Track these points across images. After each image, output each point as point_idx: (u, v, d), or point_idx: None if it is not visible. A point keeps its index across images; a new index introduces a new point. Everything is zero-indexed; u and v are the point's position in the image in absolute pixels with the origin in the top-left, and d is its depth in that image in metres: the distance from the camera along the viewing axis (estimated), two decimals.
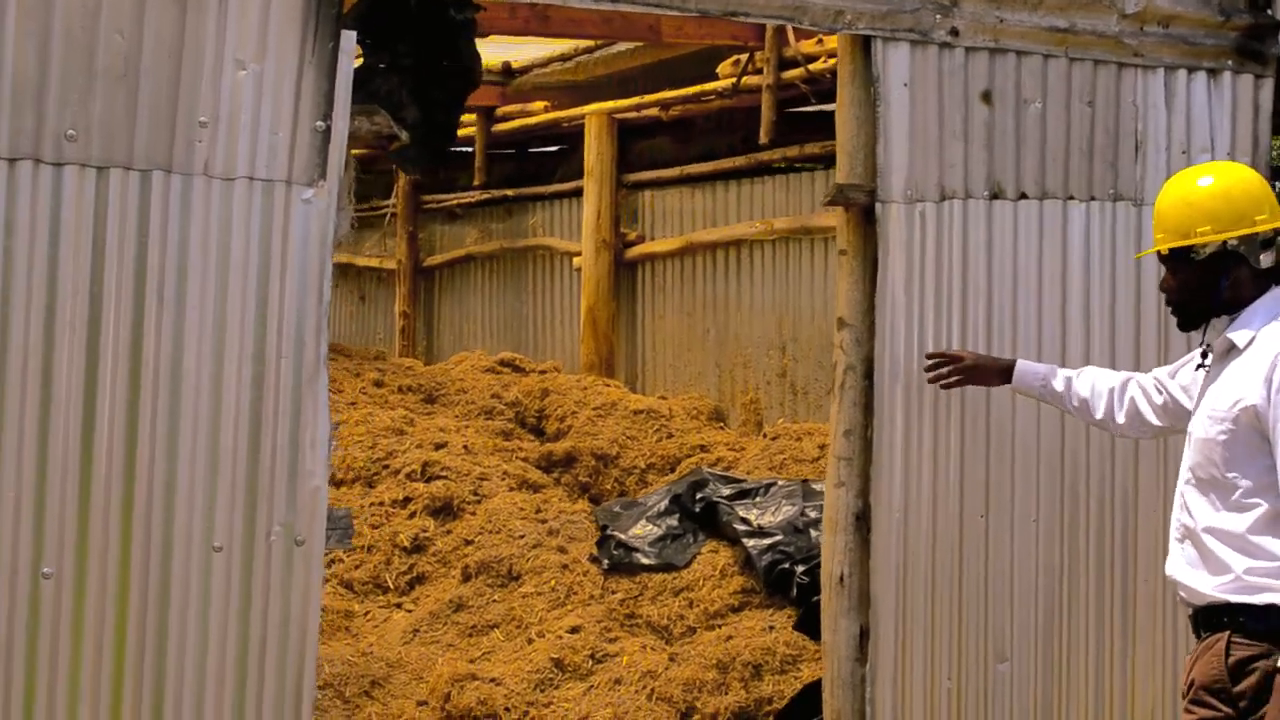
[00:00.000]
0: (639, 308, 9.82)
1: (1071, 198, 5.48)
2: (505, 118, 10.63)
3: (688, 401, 9.08)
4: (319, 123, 4.33)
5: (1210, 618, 3.89)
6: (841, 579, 5.29)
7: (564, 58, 10.00)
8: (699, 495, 7.23)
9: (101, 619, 4.14)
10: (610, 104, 9.50)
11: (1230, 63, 5.70)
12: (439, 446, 8.19)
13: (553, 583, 7.12)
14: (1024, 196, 5.40)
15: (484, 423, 8.99)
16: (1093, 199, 5.51)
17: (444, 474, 7.91)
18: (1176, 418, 4.36)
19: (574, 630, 6.76)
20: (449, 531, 7.59)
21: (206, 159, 4.20)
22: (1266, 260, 4.08)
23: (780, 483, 7.15)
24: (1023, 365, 4.85)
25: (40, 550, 4.07)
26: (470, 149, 11.05)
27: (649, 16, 6.92)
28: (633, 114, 9.44)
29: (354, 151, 4.59)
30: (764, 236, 8.56)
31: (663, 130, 9.58)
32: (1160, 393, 4.43)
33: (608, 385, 9.22)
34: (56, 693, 4.11)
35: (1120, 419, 4.53)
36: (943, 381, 4.95)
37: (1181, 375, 4.37)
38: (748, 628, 6.55)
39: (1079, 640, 5.50)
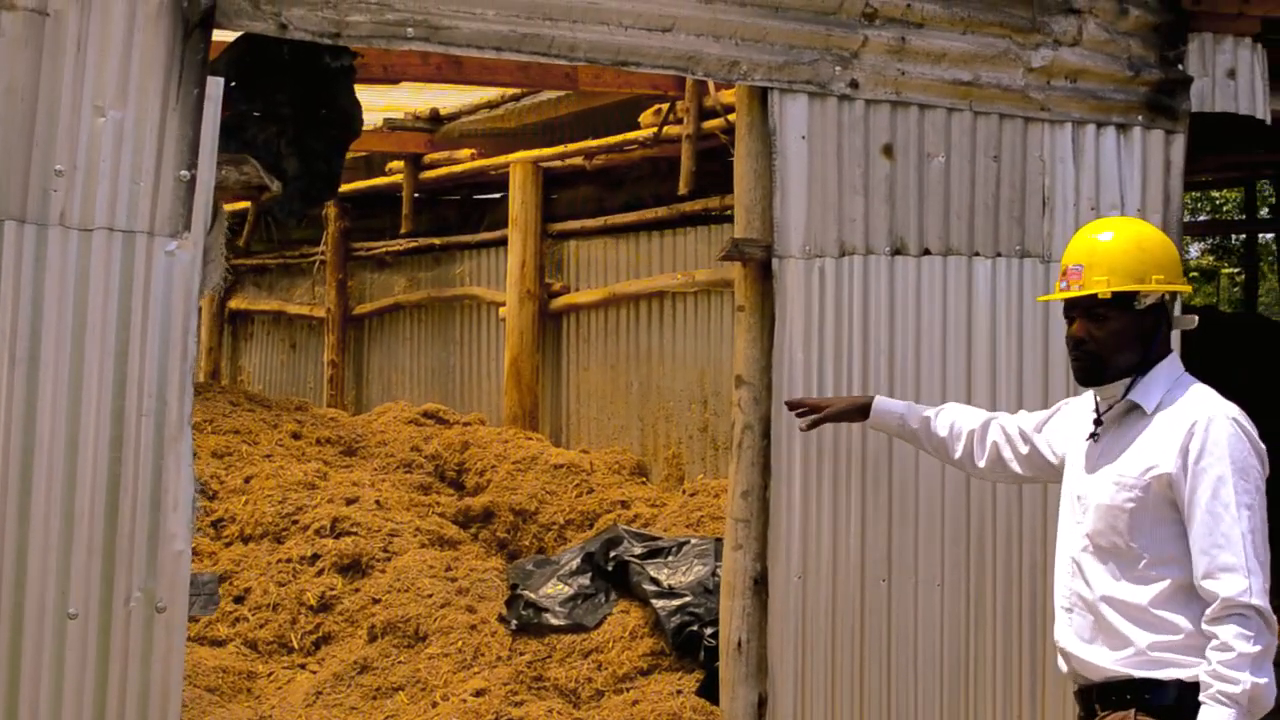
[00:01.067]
0: (564, 359, 9.69)
1: (977, 254, 5.41)
2: (433, 165, 10.51)
3: (610, 456, 8.95)
4: (183, 172, 4.23)
5: (1109, 693, 3.75)
6: (739, 645, 5.17)
7: (491, 105, 9.90)
8: (612, 554, 7.08)
9: None
10: (535, 152, 9.39)
11: (1141, 118, 5.65)
12: (351, 501, 8.03)
13: (460, 643, 6.95)
14: (927, 253, 5.32)
15: (402, 476, 8.83)
16: (999, 255, 5.44)
17: (354, 530, 7.75)
18: (1039, 470, 4.29)
19: (479, 694, 6.58)
20: (357, 590, 7.42)
21: (63, 209, 4.10)
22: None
23: (694, 541, 7.01)
24: (880, 402, 4.80)
25: None
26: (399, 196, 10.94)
27: (564, 65, 6.80)
28: (557, 163, 9.33)
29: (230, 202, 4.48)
30: (686, 289, 8.45)
31: (587, 179, 9.48)
32: (1025, 442, 4.34)
33: (529, 439, 9.08)
34: None
35: (980, 463, 4.45)
36: (800, 423, 4.88)
37: (1049, 430, 4.27)
38: (655, 691, 6.38)
39: (985, 709, 5.37)
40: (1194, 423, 3.67)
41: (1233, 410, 3.72)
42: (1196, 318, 4.03)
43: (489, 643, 6.91)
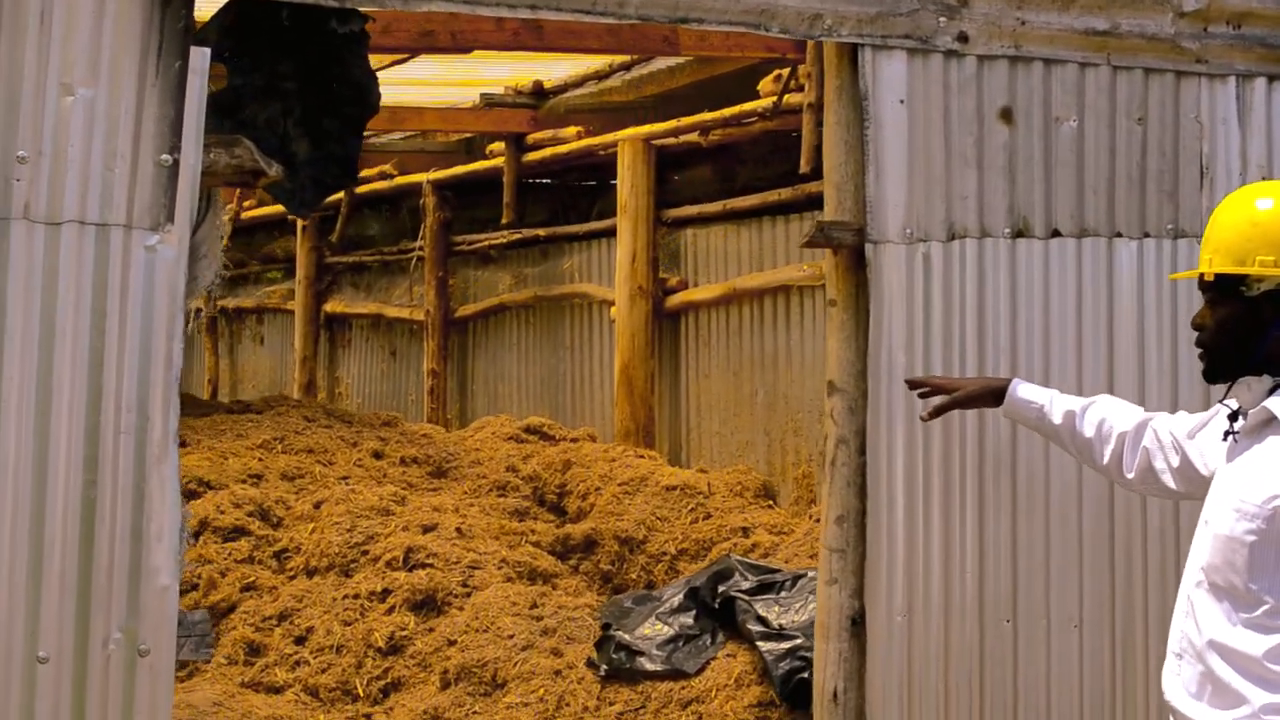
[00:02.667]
0: (682, 365, 9.63)
1: (1119, 235, 5.22)
2: (537, 146, 10.51)
3: (731, 476, 8.84)
4: (164, 156, 4.26)
5: None
6: (835, 695, 5.03)
7: (599, 75, 9.88)
8: (720, 588, 6.99)
9: None
10: (645, 129, 9.33)
11: None
12: (428, 529, 8.04)
13: (541, 691, 6.91)
14: (1057, 234, 5.16)
15: (495, 500, 8.83)
16: (1146, 236, 5.26)
17: (430, 562, 7.75)
18: (1193, 485, 4.03)
19: None
20: (431, 629, 7.42)
21: (27, 200, 4.14)
22: None
23: (810, 574, 6.88)
24: (1019, 387, 4.55)
25: None
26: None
27: (663, 27, 6.73)
28: (670, 140, 9.27)
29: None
30: (813, 282, 8.32)
31: (704, 158, 9.40)
32: (1176, 451, 4.10)
33: (640, 457, 9.01)
34: None
35: (1130, 473, 4.21)
36: (922, 410, 4.72)
37: (1202, 437, 4.03)
38: None
39: None
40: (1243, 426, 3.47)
41: None
42: None
43: (575, 691, 6.87)
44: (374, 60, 8.95)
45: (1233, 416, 3.74)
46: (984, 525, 5.03)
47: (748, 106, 8.40)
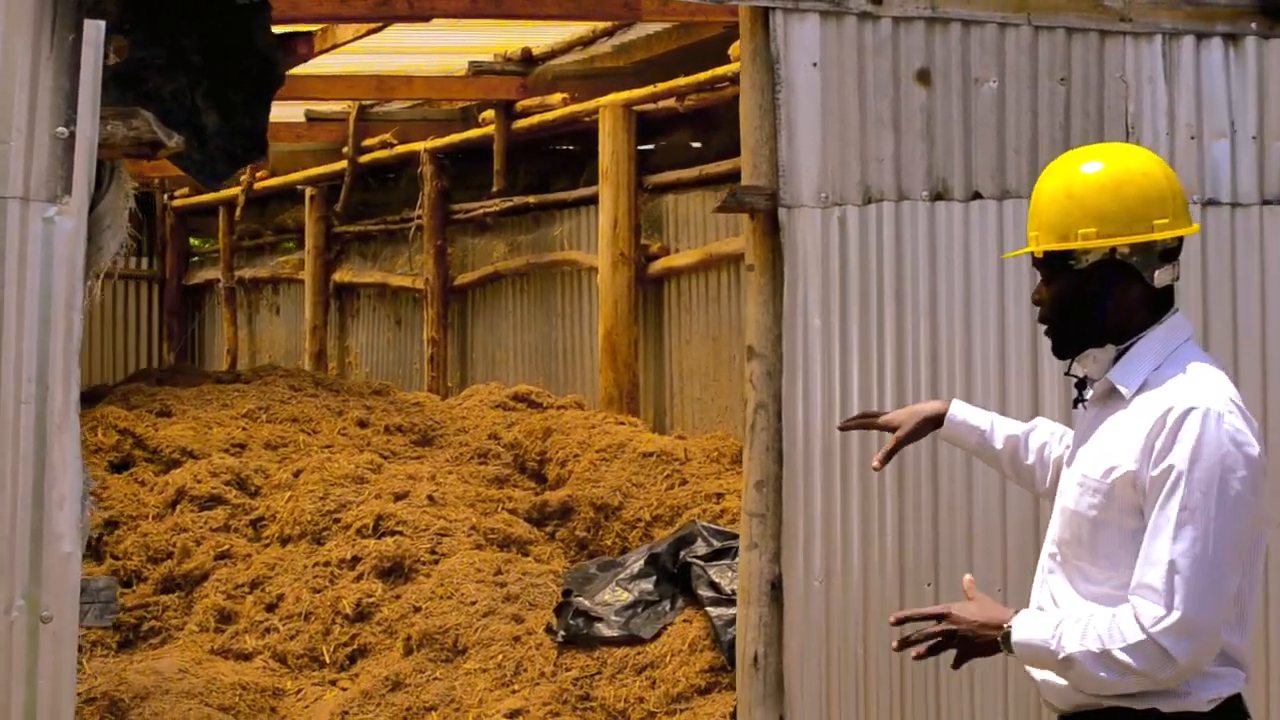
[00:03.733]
0: (665, 332, 9.65)
1: None
2: (526, 113, 10.53)
3: (709, 442, 8.85)
4: (60, 129, 4.29)
5: None
6: (755, 660, 5.05)
7: (584, 42, 9.89)
8: (681, 554, 7.04)
9: None
10: (624, 95, 9.34)
11: (1254, 25, 5.36)
12: (400, 497, 8.12)
13: (500, 657, 6.99)
14: (978, 196, 5.13)
15: (475, 468, 8.89)
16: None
17: (399, 529, 7.84)
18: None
19: (515, 714, 6.63)
20: (398, 596, 7.51)
21: None
22: (1164, 278, 3.59)
23: None
24: (958, 410, 4.13)
25: None
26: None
27: None
28: (650, 105, 9.28)
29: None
30: None
31: (682, 124, 9.40)
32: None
33: (620, 424, 9.05)
34: None
35: None
36: (874, 462, 4.24)
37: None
38: (708, 713, 6.33)
39: None
40: (1167, 410, 3.32)
41: (1222, 401, 3.34)
42: (1175, 270, 3.52)
43: (533, 657, 6.94)
44: (350, 30, 9.04)
45: (1080, 385, 3.70)
46: (904, 489, 5.03)
47: (720, 71, 8.40)
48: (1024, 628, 3.40)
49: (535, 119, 10.40)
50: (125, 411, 9.24)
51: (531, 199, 10.88)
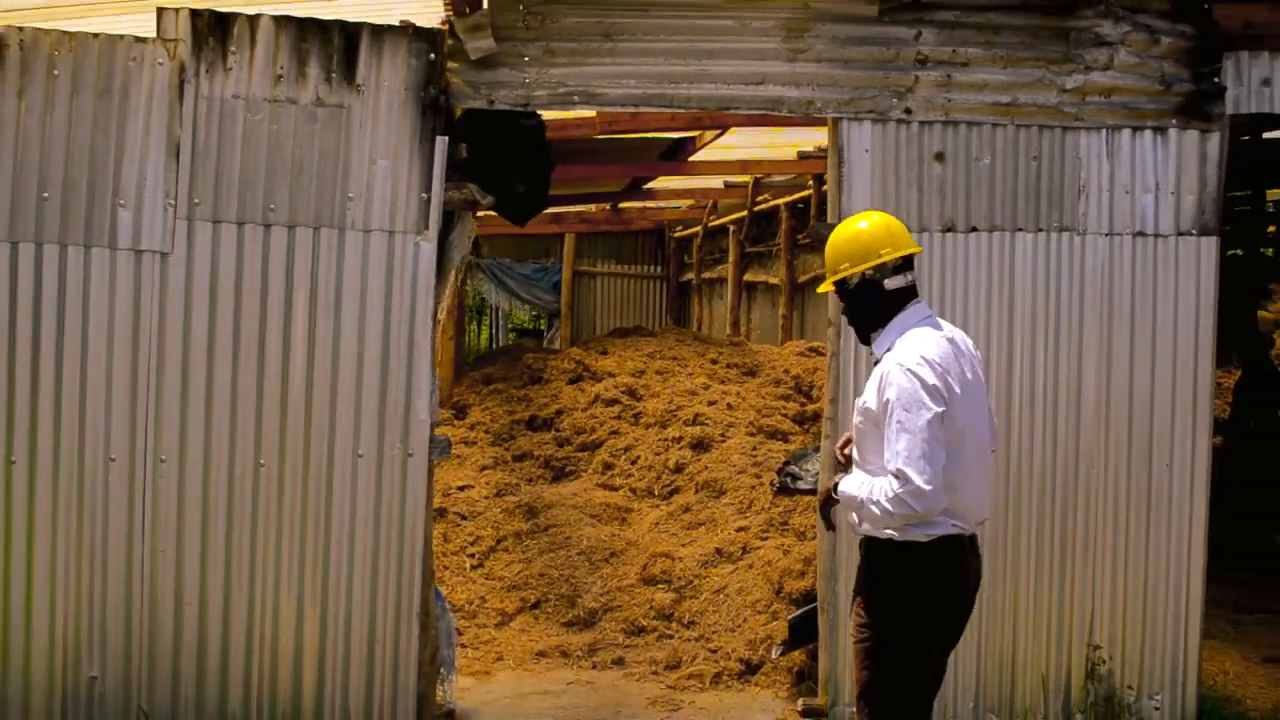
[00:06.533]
0: None
1: (1019, 229, 4.98)
2: None
3: None
4: (423, 194, 4.64)
5: (864, 544, 3.53)
6: None
7: None
8: None
9: (282, 501, 4.58)
10: None
11: (1175, 122, 4.97)
12: (711, 403, 8.33)
13: (741, 497, 7.15)
14: (974, 229, 4.97)
15: (772, 388, 8.98)
16: (1039, 230, 4.98)
17: (705, 421, 8.06)
18: None
19: (740, 530, 6.79)
20: (699, 459, 7.74)
21: (354, 218, 4.59)
22: (896, 283, 3.59)
23: None
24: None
25: (260, 445, 4.61)
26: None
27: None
28: None
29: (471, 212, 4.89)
30: None
31: None
32: None
33: None
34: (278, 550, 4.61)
35: None
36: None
37: None
38: None
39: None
40: (886, 371, 3.41)
41: (911, 359, 3.39)
42: (908, 277, 3.58)
43: (760, 498, 7.06)
44: (711, 133, 9.14)
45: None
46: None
47: None
48: (845, 486, 3.48)
49: None
50: (583, 351, 9.76)
51: None
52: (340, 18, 4.59)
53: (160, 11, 4.45)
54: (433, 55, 4.61)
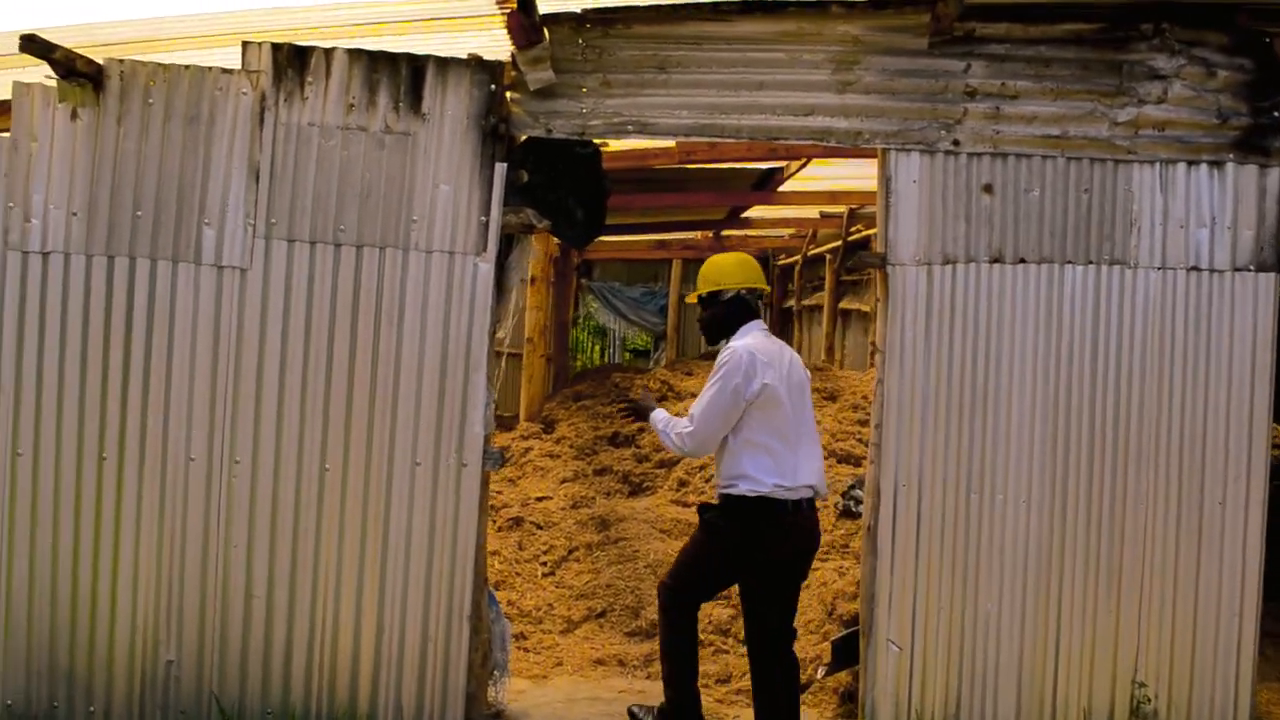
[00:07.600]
0: None
1: (1068, 262, 4.85)
2: None
3: None
4: (482, 217, 4.71)
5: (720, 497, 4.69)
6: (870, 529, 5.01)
7: None
8: None
9: (344, 504, 4.66)
10: None
11: (1231, 156, 4.79)
12: None
13: None
14: (1023, 261, 4.86)
15: (850, 413, 8.90)
16: (1090, 263, 4.85)
17: None
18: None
19: None
20: None
21: (418, 239, 4.69)
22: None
23: None
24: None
25: (324, 448, 4.71)
26: None
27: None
28: None
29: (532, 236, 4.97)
30: None
31: None
32: None
33: None
34: (342, 551, 4.73)
35: None
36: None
37: None
38: None
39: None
40: (728, 349, 4.60)
41: (743, 346, 4.56)
42: (756, 303, 4.77)
43: (824, 521, 6.99)
44: (795, 164, 9.12)
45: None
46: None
47: None
48: (655, 416, 4.80)
49: None
50: (669, 372, 9.81)
51: None
52: (409, 50, 4.74)
53: (245, 45, 4.66)
54: (494, 86, 4.72)
